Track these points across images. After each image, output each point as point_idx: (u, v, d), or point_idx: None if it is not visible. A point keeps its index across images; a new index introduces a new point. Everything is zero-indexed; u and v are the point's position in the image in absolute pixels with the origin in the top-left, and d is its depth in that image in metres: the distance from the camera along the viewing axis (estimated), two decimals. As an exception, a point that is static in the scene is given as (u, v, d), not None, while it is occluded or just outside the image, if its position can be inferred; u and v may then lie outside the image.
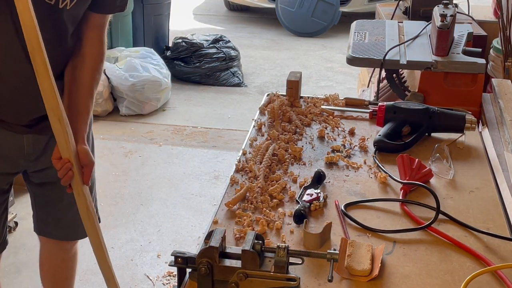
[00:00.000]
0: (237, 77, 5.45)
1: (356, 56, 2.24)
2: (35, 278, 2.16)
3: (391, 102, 1.87)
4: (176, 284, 1.19)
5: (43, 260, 2.10)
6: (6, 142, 1.73)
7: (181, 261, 1.13)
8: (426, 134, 1.82)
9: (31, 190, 1.94)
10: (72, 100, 1.67)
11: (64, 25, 1.62)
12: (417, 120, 1.80)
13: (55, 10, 1.56)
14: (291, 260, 1.10)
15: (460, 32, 2.36)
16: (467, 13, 3.31)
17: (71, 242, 2.05)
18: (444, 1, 2.29)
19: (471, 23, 2.91)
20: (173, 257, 1.14)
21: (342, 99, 2.06)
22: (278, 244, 1.09)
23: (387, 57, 2.18)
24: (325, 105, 2.02)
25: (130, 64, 4.60)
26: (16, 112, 1.69)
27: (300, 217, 1.37)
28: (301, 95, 2.08)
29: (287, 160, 1.66)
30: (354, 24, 2.67)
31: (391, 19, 3.30)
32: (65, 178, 1.61)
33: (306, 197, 1.45)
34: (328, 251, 1.10)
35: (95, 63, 1.72)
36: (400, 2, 3.46)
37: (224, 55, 5.38)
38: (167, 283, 2.78)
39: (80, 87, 1.68)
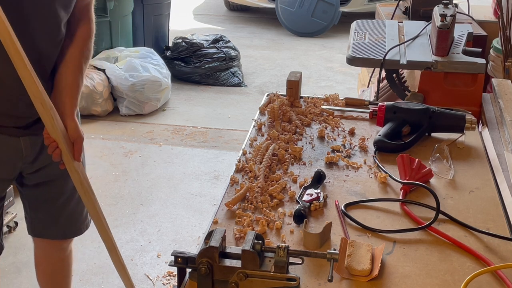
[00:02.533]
0: (237, 77, 5.45)
1: (356, 56, 2.24)
2: (35, 278, 2.15)
3: (391, 102, 1.87)
4: (176, 284, 1.19)
5: (39, 261, 2.10)
6: (4, 146, 1.73)
7: (181, 261, 1.13)
8: (426, 134, 1.82)
9: (24, 193, 1.93)
10: (61, 76, 1.69)
11: (57, 14, 1.63)
12: (417, 120, 1.80)
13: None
14: (291, 260, 1.10)
15: (460, 32, 2.36)
16: (467, 13, 3.31)
17: (67, 240, 2.05)
18: (444, 1, 2.29)
19: (471, 23, 2.91)
20: (173, 257, 1.14)
21: (342, 99, 2.06)
22: (278, 244, 1.09)
23: (387, 57, 2.18)
24: (325, 105, 2.02)
25: (130, 64, 4.60)
26: (13, 115, 1.69)
27: (300, 217, 1.37)
28: (301, 95, 2.08)
29: (287, 160, 1.66)
30: (354, 24, 2.67)
31: (391, 19, 3.30)
32: (54, 155, 1.65)
33: (306, 197, 1.45)
34: (328, 251, 1.10)
35: (84, 40, 1.74)
36: (400, 2, 3.46)
37: (224, 55, 5.38)
38: (167, 283, 2.78)
39: (69, 64, 1.70)
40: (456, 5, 2.96)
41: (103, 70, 4.58)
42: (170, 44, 5.60)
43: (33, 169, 1.82)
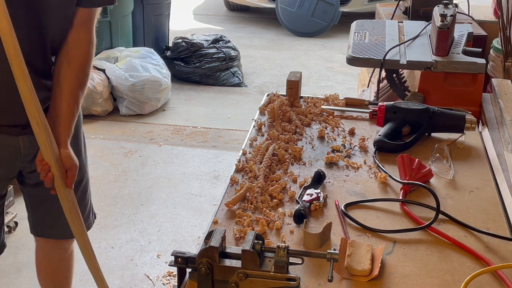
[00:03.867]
0: (237, 77, 5.45)
1: (356, 56, 2.24)
2: (35, 278, 2.15)
3: (391, 102, 1.87)
4: (176, 284, 1.19)
5: (40, 260, 2.10)
6: (3, 145, 1.72)
7: (181, 261, 1.13)
8: (426, 134, 1.82)
9: (25, 192, 1.92)
10: (55, 104, 1.65)
11: (51, 14, 1.59)
12: (417, 120, 1.80)
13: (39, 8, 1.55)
14: (291, 260, 1.10)
15: (460, 32, 2.36)
16: (467, 13, 3.31)
17: (68, 240, 2.04)
18: (444, 1, 2.29)
19: (471, 23, 2.91)
20: (173, 257, 1.14)
21: (342, 99, 2.06)
22: (278, 244, 1.09)
23: (387, 57, 2.18)
24: (325, 105, 2.02)
25: (130, 64, 4.60)
26: (12, 113, 1.68)
27: (300, 217, 1.37)
28: (301, 95, 2.08)
29: (287, 160, 1.66)
30: (354, 24, 2.67)
31: (391, 19, 3.30)
32: (46, 179, 1.62)
33: (306, 197, 1.45)
34: (328, 251, 1.10)
35: (81, 66, 1.65)
36: (400, 2, 3.46)
37: (224, 55, 5.38)
38: (167, 283, 2.78)
39: (64, 91, 1.64)
40: (456, 5, 2.96)
41: (103, 70, 4.58)
42: (170, 44, 5.60)
43: (32, 168, 1.80)
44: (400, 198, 1.49)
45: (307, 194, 1.47)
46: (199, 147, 4.19)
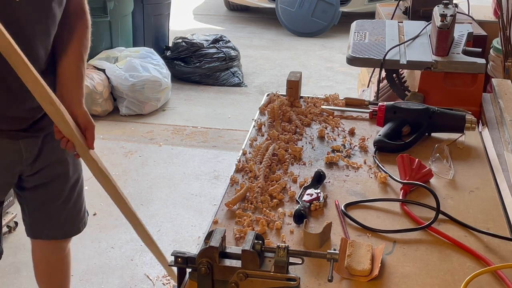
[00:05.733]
0: (237, 77, 5.45)
1: (356, 56, 2.24)
2: (35, 278, 2.15)
3: (391, 102, 1.87)
4: (176, 284, 1.19)
5: (37, 261, 2.10)
6: (4, 150, 1.72)
7: (181, 261, 1.13)
8: (426, 134, 1.82)
9: (23, 196, 1.92)
10: (64, 69, 1.71)
11: (53, 12, 1.64)
12: (417, 120, 1.79)
13: None
14: (291, 260, 1.10)
15: (460, 32, 2.36)
16: (467, 13, 3.31)
17: (66, 240, 2.05)
18: (444, 1, 2.29)
19: (471, 23, 2.91)
20: (173, 257, 1.14)
21: (342, 99, 2.06)
22: (278, 244, 1.09)
23: (387, 57, 2.18)
24: (325, 105, 2.02)
25: (130, 64, 4.60)
26: (13, 117, 1.69)
27: (300, 217, 1.37)
28: (301, 95, 2.08)
29: (287, 160, 1.66)
30: (354, 24, 2.67)
31: (391, 19, 3.30)
32: (67, 148, 1.67)
33: (306, 197, 1.45)
34: (328, 251, 1.10)
35: (82, 33, 1.76)
36: (400, 2, 3.46)
37: (224, 55, 5.38)
38: (167, 283, 2.78)
39: (71, 56, 1.71)
40: (456, 5, 2.96)
41: (103, 70, 4.58)
42: (170, 44, 5.60)
43: (33, 171, 1.82)
44: (400, 198, 1.49)
45: (307, 194, 1.46)
46: (199, 147, 4.19)
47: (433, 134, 1.83)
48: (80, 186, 1.99)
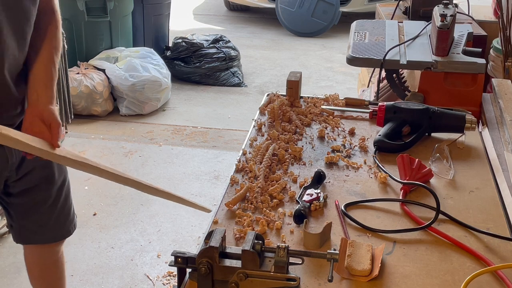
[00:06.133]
0: (237, 77, 5.45)
1: (356, 56, 2.24)
2: (35, 278, 2.15)
3: (391, 102, 1.87)
4: (176, 284, 1.19)
5: (31, 266, 2.07)
6: None
7: (181, 261, 1.13)
8: (426, 134, 1.82)
9: (10, 203, 1.87)
10: (34, 70, 1.68)
11: (27, 10, 1.61)
12: (417, 120, 1.80)
13: None
14: (291, 260, 1.10)
15: (460, 32, 2.36)
16: (467, 13, 3.31)
17: (58, 243, 2.03)
18: (444, 1, 2.29)
19: (471, 23, 2.91)
20: (173, 257, 1.14)
21: (342, 99, 2.06)
22: (278, 244, 1.09)
23: (387, 57, 2.18)
24: (325, 105, 2.02)
25: (130, 64, 4.60)
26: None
27: (300, 217, 1.37)
28: (301, 95, 2.08)
29: (287, 160, 1.66)
30: (354, 24, 2.67)
31: (391, 19, 3.30)
32: (28, 157, 1.67)
33: (306, 197, 1.45)
34: (328, 251, 1.10)
35: (52, 32, 1.72)
36: (400, 2, 3.46)
37: (224, 55, 5.38)
38: (167, 283, 2.78)
39: (40, 57, 1.69)
40: (456, 5, 2.96)
41: (103, 70, 4.58)
42: (170, 44, 5.60)
43: (18, 176, 1.79)
44: (400, 198, 1.49)
45: (307, 194, 1.47)
46: (199, 147, 4.19)
47: (433, 134, 1.83)
48: (67, 188, 1.95)
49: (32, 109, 1.65)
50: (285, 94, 2.06)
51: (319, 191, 1.48)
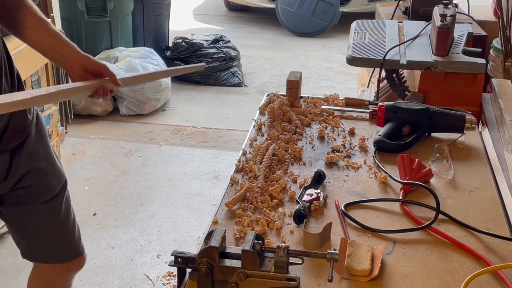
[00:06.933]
0: (237, 77, 5.45)
1: (356, 56, 2.24)
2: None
3: (391, 102, 1.87)
4: (176, 284, 1.19)
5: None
6: None
7: (181, 261, 1.13)
8: (426, 134, 1.82)
9: (7, 217, 1.74)
10: (41, 38, 1.56)
11: None
12: (417, 120, 1.80)
13: None
14: (291, 260, 1.10)
15: (460, 32, 2.36)
16: (467, 13, 3.31)
17: (68, 268, 1.85)
18: (444, 1, 2.29)
19: (471, 23, 2.91)
20: (173, 257, 1.14)
21: (342, 99, 2.06)
22: (278, 244, 1.09)
23: (387, 57, 2.18)
24: (325, 105, 2.02)
25: (130, 64, 4.60)
26: None
27: (300, 217, 1.37)
28: (301, 95, 2.08)
29: (287, 160, 1.66)
30: (354, 24, 2.67)
31: (391, 19, 3.30)
32: (104, 95, 1.58)
33: (306, 197, 1.45)
34: (328, 251, 1.10)
35: (29, 4, 1.58)
36: (400, 2, 3.46)
37: (224, 55, 5.38)
38: (167, 283, 2.78)
39: (35, 24, 1.56)
40: (456, 5, 2.96)
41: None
42: (170, 44, 5.60)
43: (6, 189, 1.64)
44: (400, 198, 1.49)
45: (307, 194, 1.47)
46: (199, 147, 4.19)
47: (433, 134, 1.83)
48: (67, 199, 1.79)
49: (71, 69, 1.55)
50: (285, 94, 2.06)
51: (319, 191, 1.48)
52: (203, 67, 1.84)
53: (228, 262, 1.11)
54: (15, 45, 2.62)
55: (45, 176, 1.70)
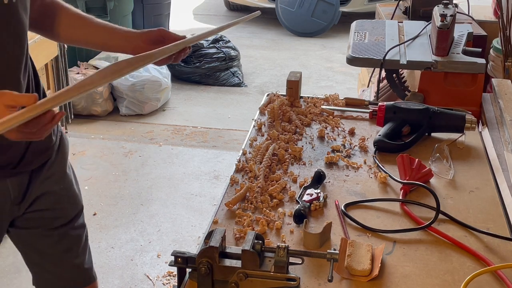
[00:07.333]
0: (237, 77, 5.45)
1: (356, 56, 2.24)
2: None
3: (391, 102, 1.87)
4: (176, 284, 1.19)
5: None
6: None
7: (181, 261, 1.13)
8: (426, 134, 1.82)
9: (17, 240, 1.66)
10: (90, 35, 1.57)
11: (22, 20, 1.40)
12: (417, 120, 1.80)
13: (8, 8, 1.34)
14: (291, 260, 1.10)
15: (460, 32, 2.36)
16: (467, 13, 3.31)
17: None
18: (444, 1, 2.29)
19: (471, 23, 2.91)
20: (173, 257, 1.14)
21: (342, 99, 2.06)
22: (278, 244, 1.09)
23: (387, 57, 2.18)
24: (325, 105, 2.02)
25: (130, 64, 4.59)
26: (0, 152, 1.42)
27: (300, 217, 1.37)
28: (301, 95, 2.08)
29: (287, 160, 1.66)
30: (354, 24, 2.67)
31: (391, 19, 3.29)
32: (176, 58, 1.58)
33: (306, 197, 1.45)
34: (328, 251, 1.10)
35: (66, 6, 1.60)
36: (400, 2, 3.46)
37: (224, 55, 5.38)
38: (167, 283, 2.78)
39: (78, 22, 1.58)
40: (456, 5, 2.96)
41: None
42: (170, 44, 5.59)
43: (20, 212, 1.56)
44: (400, 198, 1.49)
45: (307, 194, 1.47)
46: (199, 147, 4.19)
47: (433, 134, 1.83)
48: (81, 226, 1.71)
49: (135, 52, 1.50)
50: (285, 94, 2.06)
51: (319, 191, 1.48)
52: (259, 13, 1.88)
53: (228, 262, 1.11)
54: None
55: (59, 200, 1.62)
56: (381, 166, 1.63)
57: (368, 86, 3.20)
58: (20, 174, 1.48)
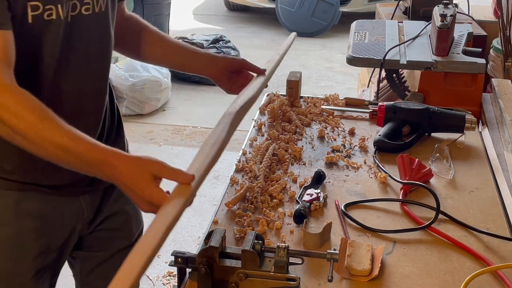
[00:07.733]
0: (237, 77, 5.45)
1: (356, 56, 2.24)
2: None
3: (391, 102, 1.87)
4: (176, 284, 1.19)
5: None
6: (64, 210, 1.41)
7: (181, 261, 1.13)
8: (426, 134, 1.82)
9: (77, 258, 1.57)
10: (169, 56, 1.60)
11: (111, 36, 1.43)
12: (417, 120, 1.80)
13: (100, 17, 1.36)
14: (291, 260, 1.10)
15: (460, 32, 2.36)
16: (467, 13, 3.30)
17: None
18: (444, 1, 2.29)
19: (471, 23, 2.91)
20: (173, 257, 1.14)
21: (342, 99, 2.06)
22: (278, 244, 1.09)
23: (387, 57, 2.18)
24: (325, 105, 2.02)
25: (130, 64, 4.60)
26: (75, 171, 1.33)
27: (300, 217, 1.37)
28: (301, 95, 2.08)
29: (287, 160, 1.66)
30: (354, 24, 2.67)
31: (391, 19, 3.29)
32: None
33: (306, 197, 1.45)
34: (328, 251, 1.10)
35: (145, 24, 1.64)
36: (400, 2, 3.46)
37: (224, 55, 5.38)
38: (167, 283, 2.77)
39: (158, 43, 1.60)
40: (456, 5, 2.96)
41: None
42: (170, 44, 5.60)
43: (89, 230, 1.50)
44: (400, 198, 1.49)
45: (307, 194, 1.46)
46: (199, 147, 4.19)
47: (433, 134, 1.83)
48: None
49: (215, 77, 1.59)
50: (285, 94, 2.06)
51: (319, 191, 1.48)
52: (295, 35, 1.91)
53: (228, 262, 1.11)
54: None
55: (129, 220, 1.58)
56: (381, 166, 1.63)
57: (368, 86, 3.20)
58: (93, 192, 1.45)
